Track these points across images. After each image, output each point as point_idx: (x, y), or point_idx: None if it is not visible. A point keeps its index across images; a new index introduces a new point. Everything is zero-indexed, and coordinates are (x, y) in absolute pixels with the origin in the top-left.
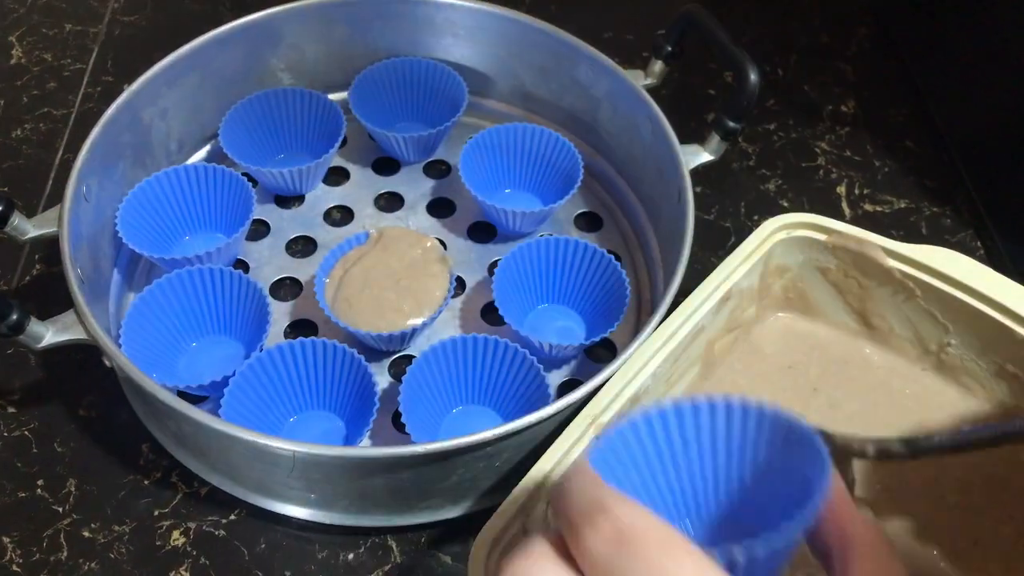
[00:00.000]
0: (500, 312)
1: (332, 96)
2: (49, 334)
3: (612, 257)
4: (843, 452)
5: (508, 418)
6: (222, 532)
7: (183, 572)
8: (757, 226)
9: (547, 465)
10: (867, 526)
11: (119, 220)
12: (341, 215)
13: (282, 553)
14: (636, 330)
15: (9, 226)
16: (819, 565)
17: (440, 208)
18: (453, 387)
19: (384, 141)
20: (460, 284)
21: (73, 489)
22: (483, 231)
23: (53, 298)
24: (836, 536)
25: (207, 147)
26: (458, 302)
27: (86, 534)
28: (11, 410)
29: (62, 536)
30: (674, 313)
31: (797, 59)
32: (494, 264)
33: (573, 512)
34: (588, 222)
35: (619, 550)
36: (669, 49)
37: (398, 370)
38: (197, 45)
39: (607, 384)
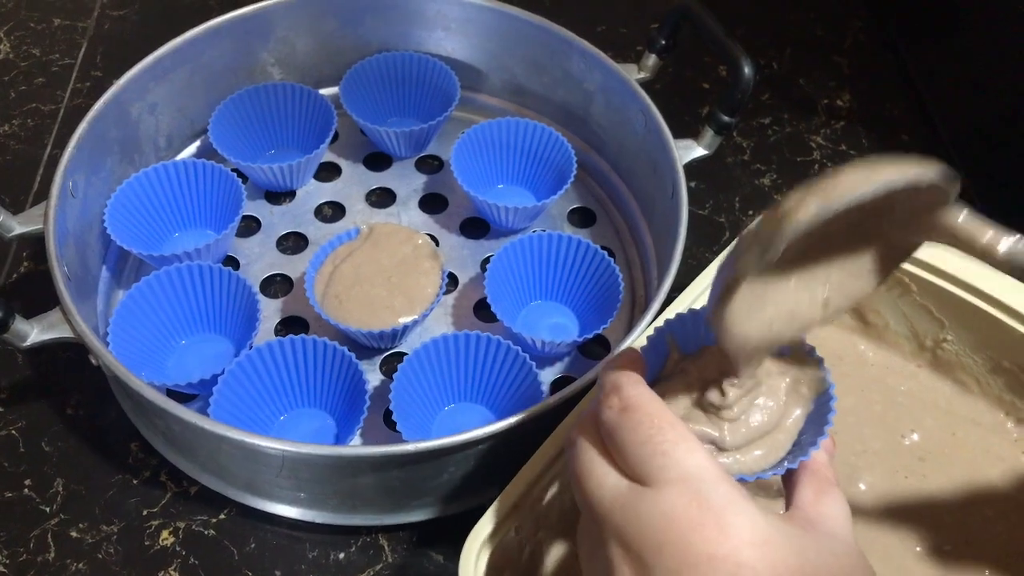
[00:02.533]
0: (493, 309)
1: (323, 91)
2: (34, 332)
3: (605, 253)
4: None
5: (501, 415)
6: (211, 532)
7: (172, 572)
8: (752, 221)
9: (539, 463)
10: (819, 454)
11: (107, 217)
12: (332, 211)
13: (272, 553)
14: (630, 327)
15: None
16: None
17: (432, 204)
18: (445, 384)
19: (375, 136)
20: (452, 280)
21: (61, 489)
22: (476, 227)
23: (40, 296)
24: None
25: (196, 143)
26: (450, 299)
27: (74, 534)
28: None
29: (49, 536)
30: (668, 309)
31: (792, 53)
32: (487, 260)
33: (601, 389)
34: (581, 218)
35: (621, 415)
36: (663, 43)
37: (389, 367)
38: (186, 39)
39: None
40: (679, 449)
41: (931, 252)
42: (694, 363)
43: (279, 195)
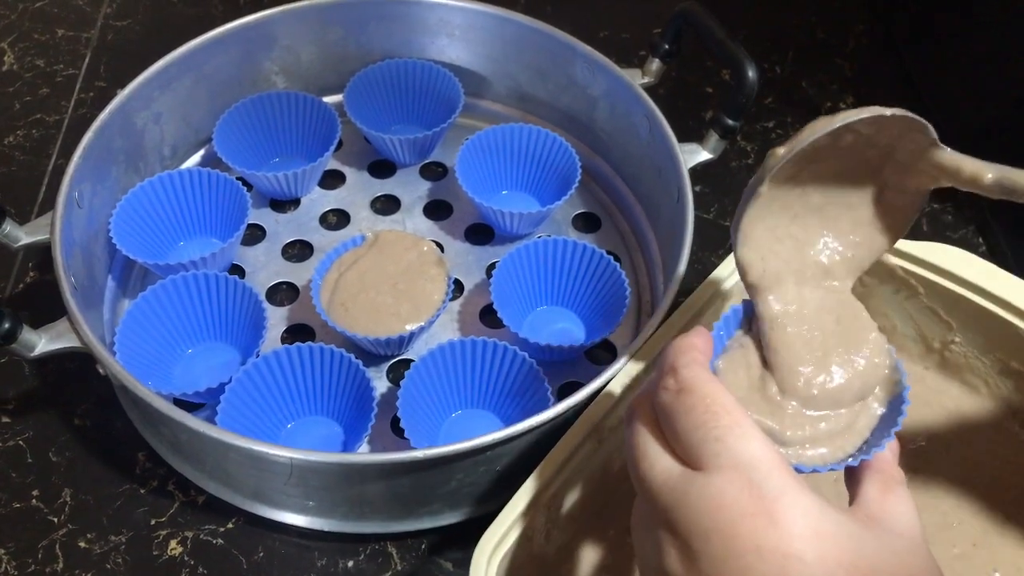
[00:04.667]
0: (499, 315)
1: (327, 99)
2: (42, 342)
3: (611, 258)
4: None
5: (508, 422)
6: (220, 541)
7: None
8: None
9: (548, 469)
10: (883, 453)
11: (113, 226)
12: (337, 219)
13: (280, 561)
14: (636, 331)
15: (1, 233)
16: None
17: (437, 210)
18: (452, 391)
19: (380, 143)
20: (458, 287)
21: (68, 499)
22: (481, 233)
23: (47, 306)
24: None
25: (201, 151)
26: (456, 305)
27: (82, 544)
28: (5, 420)
29: (58, 547)
30: (675, 314)
31: (794, 56)
32: (492, 266)
33: (660, 369)
34: (586, 223)
35: (676, 398)
36: (666, 47)
37: (396, 374)
38: (190, 49)
39: (608, 386)
40: (733, 435)
41: (938, 254)
42: (755, 335)
43: (284, 203)
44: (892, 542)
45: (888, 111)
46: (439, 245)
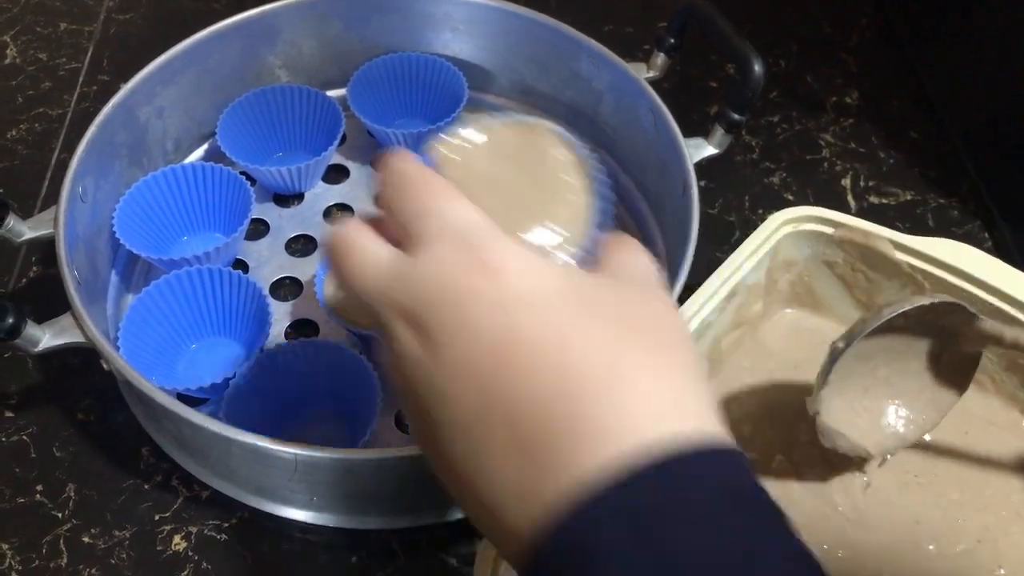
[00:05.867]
0: None
1: (330, 93)
2: (46, 337)
3: None
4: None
5: None
6: (224, 536)
7: None
8: (762, 220)
9: None
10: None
11: (116, 221)
12: (341, 213)
13: (285, 557)
14: None
15: (4, 228)
16: None
17: None
18: None
19: (383, 138)
20: None
21: (72, 494)
22: None
23: (50, 301)
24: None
25: (204, 146)
26: None
27: (86, 540)
28: (9, 415)
29: (62, 542)
30: (679, 309)
31: (799, 50)
32: None
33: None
34: None
35: (389, 182)
36: (671, 41)
37: None
38: (193, 43)
39: None
40: (440, 200)
41: (943, 249)
42: None
43: (287, 198)
44: (620, 285)
45: (928, 300)
46: None
